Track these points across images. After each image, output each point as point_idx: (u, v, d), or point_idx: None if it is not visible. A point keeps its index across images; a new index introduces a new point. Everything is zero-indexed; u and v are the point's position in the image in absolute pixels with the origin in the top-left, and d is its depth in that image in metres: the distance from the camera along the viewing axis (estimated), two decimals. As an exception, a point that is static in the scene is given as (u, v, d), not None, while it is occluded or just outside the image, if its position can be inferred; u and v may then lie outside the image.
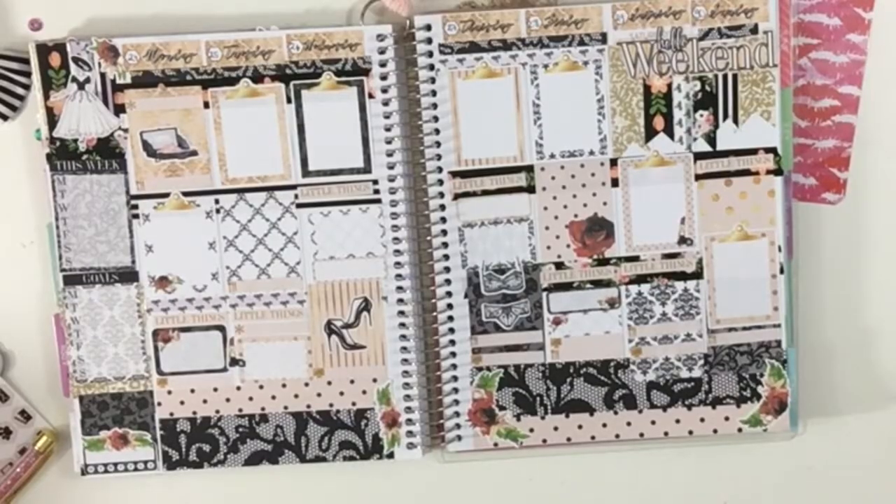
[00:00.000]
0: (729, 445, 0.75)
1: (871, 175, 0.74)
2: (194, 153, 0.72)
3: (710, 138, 0.72)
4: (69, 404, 0.74)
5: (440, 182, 0.72)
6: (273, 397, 0.73)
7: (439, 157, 0.72)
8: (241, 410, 0.74)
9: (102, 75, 0.71)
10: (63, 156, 0.72)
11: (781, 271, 0.72)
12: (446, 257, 0.72)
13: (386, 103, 0.72)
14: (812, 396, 0.75)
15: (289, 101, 0.72)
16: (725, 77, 0.71)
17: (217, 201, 0.72)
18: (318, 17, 0.72)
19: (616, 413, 0.73)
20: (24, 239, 0.74)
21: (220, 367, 0.73)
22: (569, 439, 0.74)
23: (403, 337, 0.73)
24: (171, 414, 0.73)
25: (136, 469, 0.74)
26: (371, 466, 0.74)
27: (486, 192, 0.72)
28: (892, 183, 0.74)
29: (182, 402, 0.73)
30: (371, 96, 0.72)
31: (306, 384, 0.73)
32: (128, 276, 0.73)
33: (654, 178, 0.72)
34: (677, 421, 0.73)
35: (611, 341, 0.73)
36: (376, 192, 0.72)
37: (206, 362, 0.73)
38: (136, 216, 0.72)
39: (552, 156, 0.72)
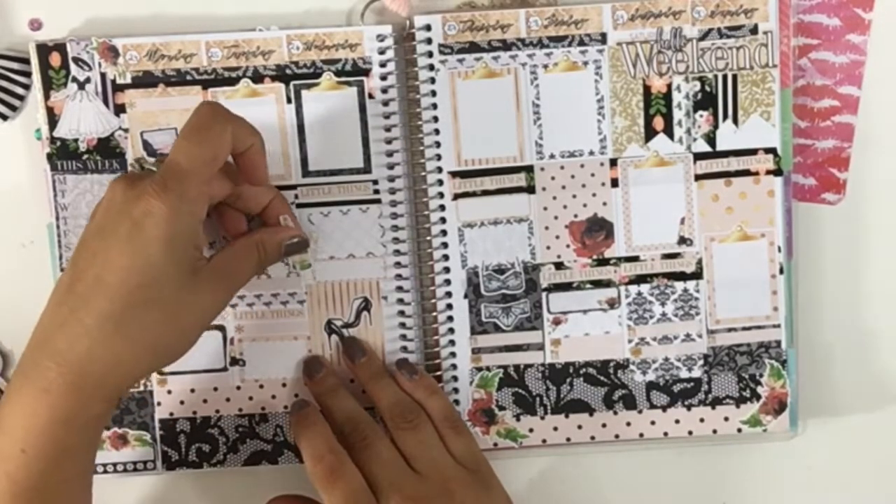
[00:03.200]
0: (729, 445, 0.75)
1: (871, 175, 0.74)
2: (194, 153, 0.72)
3: (710, 138, 0.72)
4: (69, 404, 0.74)
5: (440, 182, 0.72)
6: (273, 397, 0.73)
7: (439, 157, 0.72)
8: (240, 410, 0.74)
9: (102, 75, 0.72)
10: (63, 156, 0.72)
11: (781, 271, 0.72)
12: (446, 257, 0.72)
13: (386, 103, 0.72)
14: (812, 396, 0.75)
15: (289, 101, 0.72)
16: (725, 77, 0.71)
17: (217, 201, 0.72)
18: (318, 18, 0.72)
19: (616, 413, 0.73)
20: (24, 239, 0.74)
21: (220, 366, 0.73)
22: (568, 439, 0.74)
23: (403, 337, 0.73)
24: (171, 414, 0.73)
25: (135, 469, 0.74)
26: (371, 466, 0.75)
27: (485, 193, 0.72)
28: (892, 183, 0.74)
29: (182, 402, 0.73)
30: (371, 96, 0.72)
31: (306, 384, 0.73)
32: (128, 275, 0.73)
33: (654, 179, 0.72)
34: (677, 421, 0.73)
35: (610, 341, 0.73)
36: (376, 192, 0.72)
37: (205, 362, 0.73)
38: (136, 216, 0.72)
39: (552, 156, 0.72)
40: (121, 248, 0.60)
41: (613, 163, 0.72)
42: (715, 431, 0.73)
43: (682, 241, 0.72)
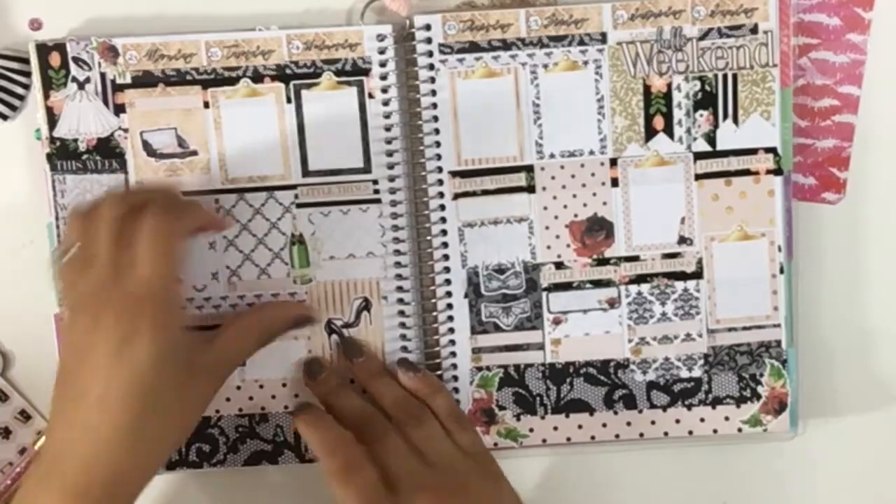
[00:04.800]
0: (729, 445, 0.75)
1: (871, 175, 0.74)
2: (194, 153, 0.72)
3: (710, 138, 0.72)
4: (69, 404, 0.74)
5: (440, 182, 0.72)
6: (273, 397, 0.73)
7: (439, 157, 0.72)
8: (240, 410, 0.73)
9: (102, 75, 0.72)
10: (63, 156, 0.72)
11: (781, 271, 0.72)
12: (446, 257, 0.72)
13: (386, 103, 0.72)
14: (812, 396, 0.75)
15: (289, 101, 0.72)
16: (725, 77, 0.71)
17: (217, 201, 0.72)
18: (318, 17, 0.72)
19: (616, 413, 0.73)
20: (24, 239, 0.74)
21: (220, 366, 0.73)
22: (569, 439, 0.74)
23: (403, 337, 0.73)
24: (171, 414, 0.73)
25: (135, 469, 0.74)
26: (371, 466, 0.74)
27: (485, 192, 0.72)
28: (892, 183, 0.74)
29: (182, 402, 0.73)
30: (371, 96, 0.72)
31: (307, 384, 0.73)
32: (128, 275, 0.73)
33: (654, 178, 0.72)
34: (677, 421, 0.73)
35: (611, 341, 0.73)
36: (376, 192, 0.72)
37: (205, 362, 0.73)
38: (136, 216, 0.72)
39: (552, 156, 0.72)
40: (114, 369, 0.61)
41: (613, 162, 0.72)
42: (715, 431, 0.73)
43: (683, 240, 0.72)
